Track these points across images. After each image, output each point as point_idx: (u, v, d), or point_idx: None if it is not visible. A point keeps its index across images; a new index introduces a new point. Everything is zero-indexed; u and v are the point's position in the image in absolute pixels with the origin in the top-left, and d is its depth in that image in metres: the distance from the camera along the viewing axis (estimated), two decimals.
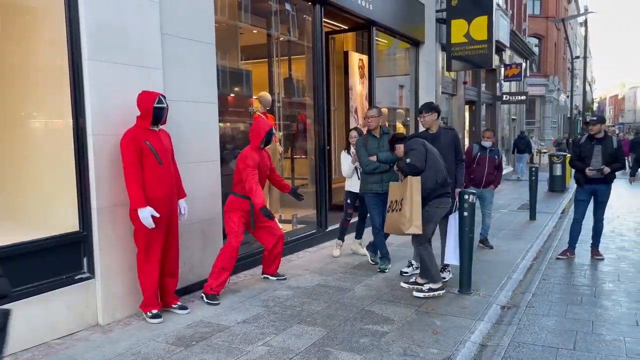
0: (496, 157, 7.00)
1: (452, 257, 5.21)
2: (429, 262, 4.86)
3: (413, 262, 5.61)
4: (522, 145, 17.18)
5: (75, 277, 4.02)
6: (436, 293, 4.81)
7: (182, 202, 4.44)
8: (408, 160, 4.71)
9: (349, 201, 6.29)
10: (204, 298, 4.68)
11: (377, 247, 5.84)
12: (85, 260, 4.09)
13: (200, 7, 4.98)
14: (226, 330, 4.03)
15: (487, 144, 6.99)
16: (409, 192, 4.70)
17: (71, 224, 4.05)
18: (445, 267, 5.44)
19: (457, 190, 5.13)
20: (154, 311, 4.21)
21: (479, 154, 6.94)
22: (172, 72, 4.67)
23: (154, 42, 4.46)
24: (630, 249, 7.10)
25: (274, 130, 5.08)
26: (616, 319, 4.41)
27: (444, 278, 5.35)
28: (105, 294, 4.13)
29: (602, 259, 6.45)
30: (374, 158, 5.46)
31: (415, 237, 4.89)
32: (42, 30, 4.32)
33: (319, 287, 5.15)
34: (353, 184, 6.19)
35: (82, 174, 4.03)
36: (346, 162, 6.25)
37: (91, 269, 4.10)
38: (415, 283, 5.07)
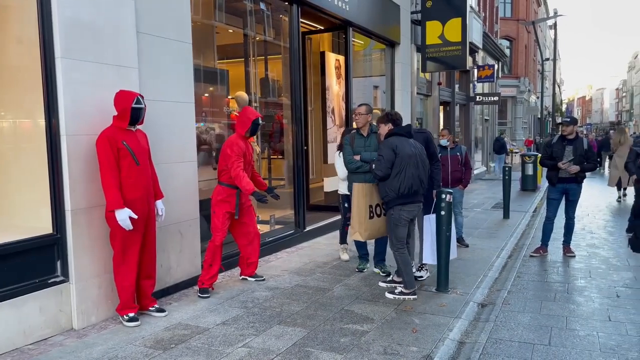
0: (459, 154, 6.95)
1: (429, 256, 5.27)
2: (403, 268, 4.81)
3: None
4: (497, 146, 18.26)
5: (49, 281, 3.92)
6: (406, 297, 4.74)
7: (159, 203, 4.38)
8: (373, 166, 4.71)
9: (346, 205, 5.94)
10: (198, 292, 4.88)
11: (357, 248, 5.79)
12: (59, 263, 3.99)
13: (177, 5, 4.92)
14: (205, 332, 3.99)
15: (443, 142, 6.98)
16: (355, 199, 4.89)
17: (44, 226, 3.95)
18: (422, 266, 5.49)
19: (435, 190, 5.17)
20: (131, 314, 4.14)
21: (440, 154, 6.93)
22: (148, 71, 4.60)
23: (129, 41, 4.38)
24: (600, 246, 7.29)
25: (260, 121, 5.05)
26: (589, 314, 4.53)
27: (422, 277, 5.41)
28: (80, 297, 4.04)
29: (574, 256, 6.61)
30: (357, 157, 5.35)
31: (390, 241, 4.90)
32: (13, 28, 4.19)
33: (298, 288, 5.14)
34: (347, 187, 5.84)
35: (55, 175, 3.93)
36: (341, 164, 5.94)
37: (65, 272, 4.00)
38: (393, 281, 5.11)
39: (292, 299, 4.78)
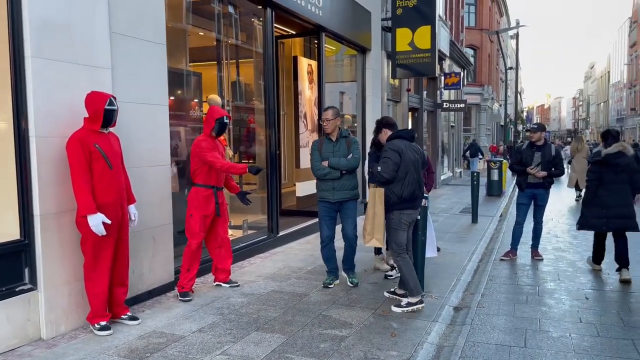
0: None
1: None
2: (406, 273, 4.62)
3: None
4: (473, 150, 21.09)
5: (16, 289, 3.75)
6: (415, 307, 4.53)
7: (132, 208, 4.25)
8: (379, 169, 4.57)
9: None
10: (178, 296, 4.84)
11: (325, 260, 5.42)
12: (27, 270, 3.83)
13: (151, 6, 4.81)
14: (181, 340, 3.89)
15: None
16: (371, 203, 4.65)
17: (11, 232, 3.78)
18: (394, 266, 5.51)
19: None
20: (103, 323, 4.00)
21: None
22: (122, 72, 4.47)
23: (102, 40, 4.25)
24: (566, 249, 7.50)
25: (227, 120, 4.96)
26: (560, 316, 4.63)
27: (391, 276, 5.48)
28: (49, 306, 3.87)
29: (542, 260, 6.77)
30: (325, 163, 5.19)
31: (390, 246, 4.82)
32: None
33: (274, 293, 5.07)
34: None
35: (23, 178, 3.77)
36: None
37: (33, 280, 3.84)
38: (394, 293, 4.93)
39: (269, 305, 4.71)
